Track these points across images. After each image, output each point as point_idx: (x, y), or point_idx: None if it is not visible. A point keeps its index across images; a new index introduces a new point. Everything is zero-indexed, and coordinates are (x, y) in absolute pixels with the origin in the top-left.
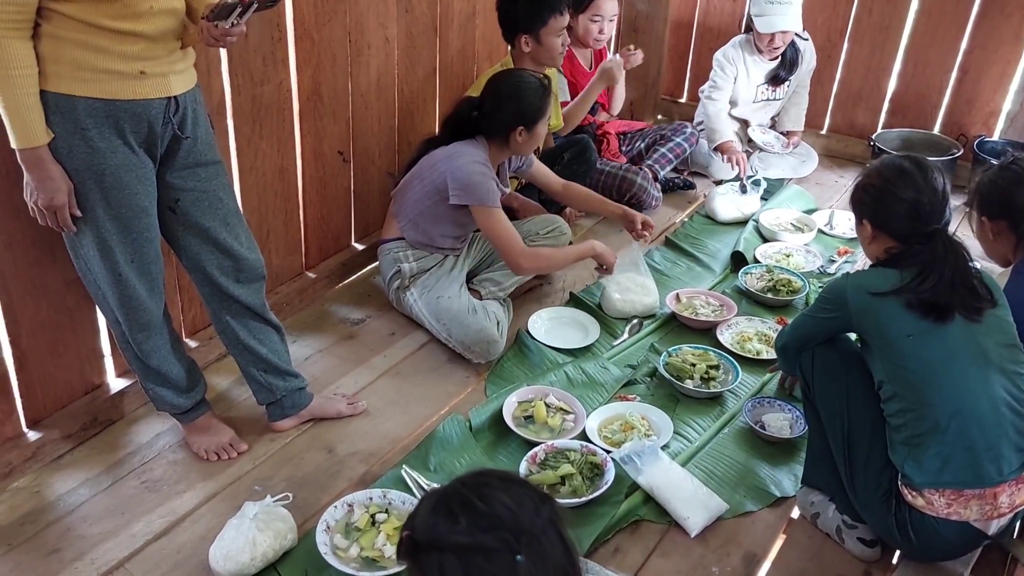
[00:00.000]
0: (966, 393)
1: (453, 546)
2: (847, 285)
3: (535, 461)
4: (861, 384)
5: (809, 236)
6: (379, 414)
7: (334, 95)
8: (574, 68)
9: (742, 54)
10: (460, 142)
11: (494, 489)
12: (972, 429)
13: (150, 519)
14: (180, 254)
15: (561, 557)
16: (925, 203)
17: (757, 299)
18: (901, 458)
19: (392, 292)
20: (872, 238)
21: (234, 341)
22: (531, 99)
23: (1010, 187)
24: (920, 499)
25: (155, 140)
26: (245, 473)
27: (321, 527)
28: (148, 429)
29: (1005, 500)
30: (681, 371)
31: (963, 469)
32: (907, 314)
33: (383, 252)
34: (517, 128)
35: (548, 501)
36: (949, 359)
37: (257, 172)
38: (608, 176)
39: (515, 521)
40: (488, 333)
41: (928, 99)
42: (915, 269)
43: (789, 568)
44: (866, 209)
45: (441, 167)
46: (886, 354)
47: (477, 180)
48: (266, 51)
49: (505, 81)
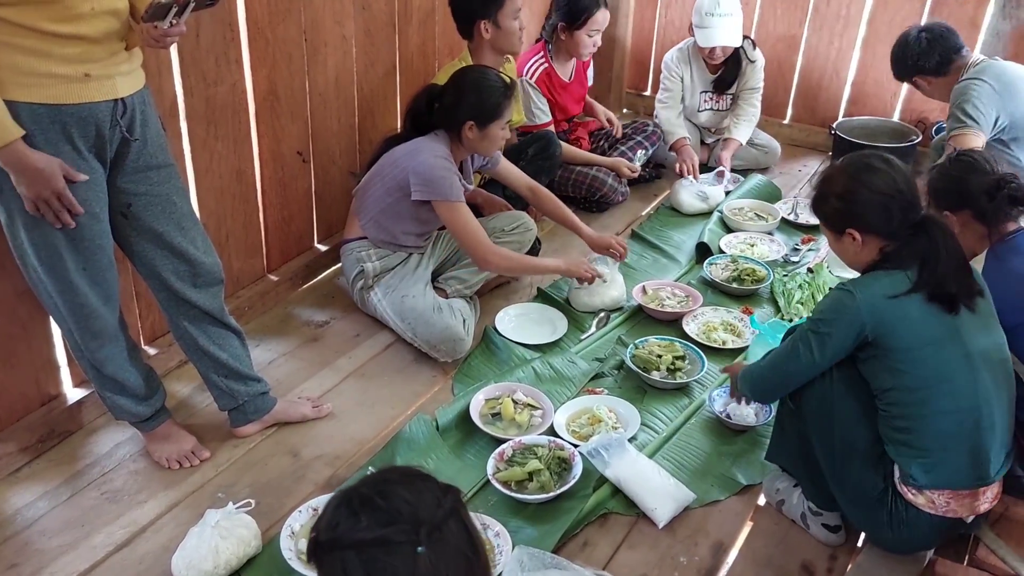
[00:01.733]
0: (974, 398)
1: (353, 543)
2: (856, 297)
3: (503, 458)
4: (846, 384)
5: (773, 225)
6: (345, 416)
7: (291, 95)
8: (552, 83)
9: (688, 59)
10: (421, 137)
11: (394, 485)
12: (977, 433)
13: (111, 530)
14: (134, 260)
15: (463, 544)
16: (905, 191)
17: (722, 289)
18: (907, 460)
19: (356, 292)
20: (862, 244)
21: (193, 347)
22: (489, 97)
23: (964, 176)
24: (921, 498)
25: (104, 144)
26: (208, 481)
27: (285, 532)
28: (107, 439)
29: (988, 495)
30: (648, 363)
31: (965, 472)
32: (928, 317)
33: (345, 252)
34: (468, 123)
35: (451, 492)
36: (962, 365)
37: (213, 174)
38: (579, 175)
39: (414, 514)
40: (454, 331)
41: (887, 87)
42: (917, 262)
43: (756, 555)
44: (848, 218)
45: (403, 163)
46: (899, 363)
47: (439, 175)
48: (219, 51)
49: (469, 75)
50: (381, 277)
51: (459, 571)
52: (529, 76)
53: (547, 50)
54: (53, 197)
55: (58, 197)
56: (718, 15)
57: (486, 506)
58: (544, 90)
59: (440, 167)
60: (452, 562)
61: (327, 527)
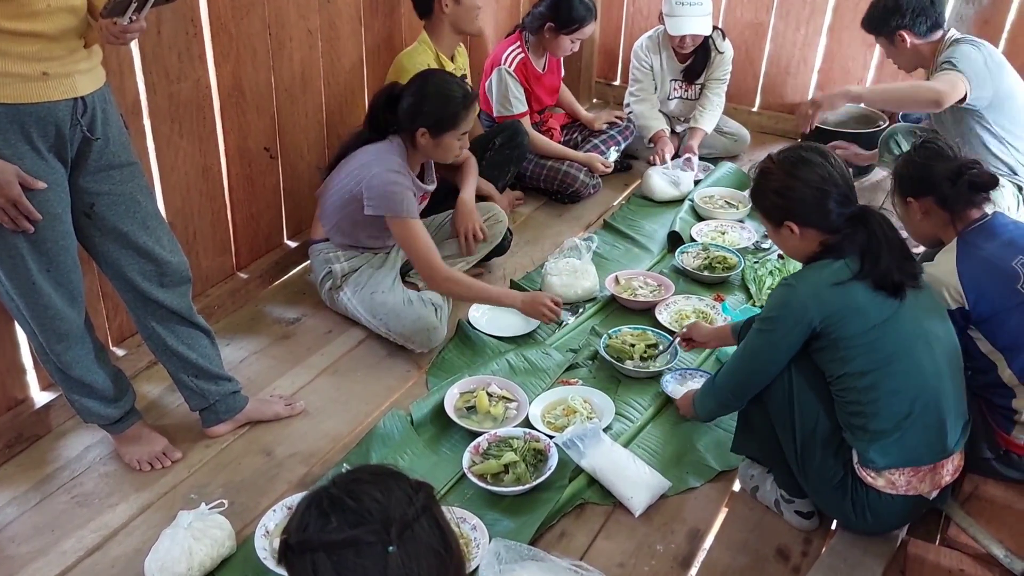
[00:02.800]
0: (924, 376)
1: (323, 544)
2: (799, 290)
3: (478, 451)
4: (803, 375)
5: (743, 212)
6: (319, 413)
7: (256, 90)
8: (528, 73)
9: (658, 48)
10: (377, 146)
11: (364, 484)
12: (930, 409)
13: (82, 535)
14: (99, 261)
15: (435, 542)
16: (841, 184)
17: (694, 277)
18: (864, 444)
19: (325, 292)
20: (800, 237)
21: (162, 347)
22: (447, 106)
23: (928, 163)
24: (880, 480)
25: (64, 144)
26: (180, 482)
27: (260, 531)
28: (77, 442)
29: (949, 468)
30: (621, 352)
31: (923, 448)
32: (871, 302)
33: (313, 253)
34: (420, 128)
35: (423, 489)
36: (908, 345)
37: (179, 172)
38: (550, 170)
39: (385, 513)
40: (427, 321)
41: (854, 72)
42: (856, 253)
43: (732, 541)
44: (786, 211)
45: (357, 174)
46: (848, 349)
47: (392, 190)
48: (181, 47)
49: (430, 80)
50: (349, 276)
51: (431, 570)
52: (508, 64)
53: (523, 40)
54: (9, 205)
55: (14, 204)
56: (688, 4)
57: (462, 500)
58: (521, 79)
59: (391, 182)
60: (424, 561)
61: (297, 529)
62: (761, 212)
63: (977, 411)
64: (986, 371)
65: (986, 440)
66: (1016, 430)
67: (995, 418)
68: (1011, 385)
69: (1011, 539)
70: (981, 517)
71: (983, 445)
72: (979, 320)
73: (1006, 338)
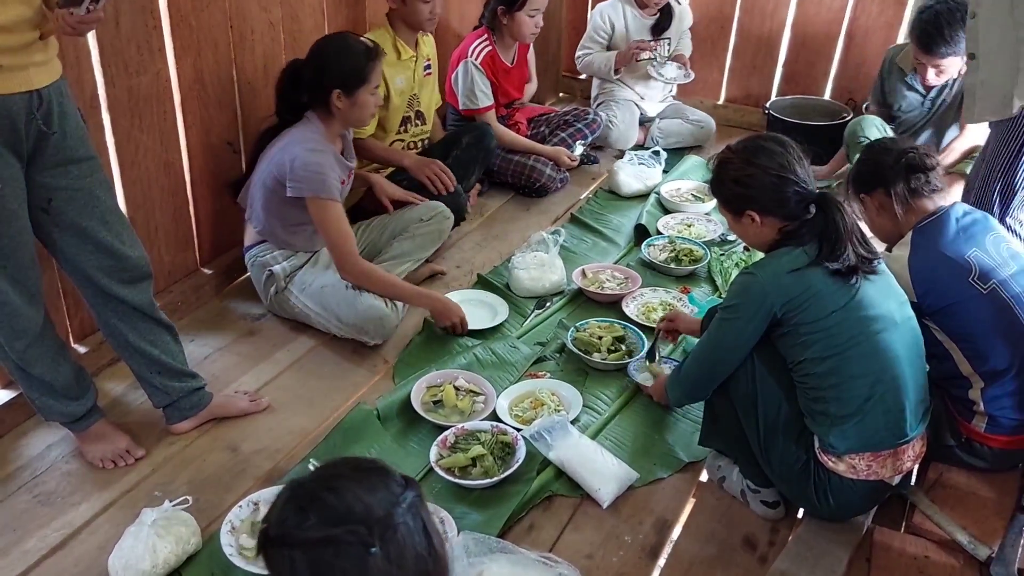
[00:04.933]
0: (883, 360)
1: (302, 542)
2: (759, 278)
3: (446, 445)
4: (765, 362)
5: (709, 205)
6: (284, 409)
7: (218, 83)
8: (495, 67)
9: (622, 8)
10: (293, 128)
11: (346, 480)
12: (889, 394)
13: (44, 534)
14: (58, 257)
15: (419, 546)
16: (801, 172)
17: (661, 270)
18: (824, 429)
19: (270, 299)
20: (761, 225)
21: (123, 344)
22: (353, 61)
23: (877, 158)
24: (841, 464)
25: (19, 138)
26: (144, 479)
27: (225, 528)
28: (38, 441)
29: (911, 453)
30: (589, 345)
31: (883, 432)
32: (830, 287)
33: (249, 260)
34: (335, 91)
35: (410, 487)
36: (867, 329)
37: (139, 167)
38: (517, 165)
39: (367, 512)
40: (377, 309)
41: (817, 66)
42: (815, 240)
43: (700, 530)
44: (745, 200)
45: (276, 158)
46: (808, 335)
47: (312, 170)
48: (140, 39)
49: (329, 42)
50: (293, 276)
51: (414, 574)
52: (474, 57)
53: (491, 34)
54: None
55: None
56: None
57: (430, 494)
58: (488, 73)
59: (312, 162)
60: (407, 565)
61: (276, 522)
62: (721, 202)
63: (939, 399)
64: (943, 360)
65: (949, 428)
66: (976, 419)
67: (955, 407)
68: (966, 375)
69: (974, 525)
70: (945, 504)
71: (946, 433)
72: (932, 312)
73: (960, 329)
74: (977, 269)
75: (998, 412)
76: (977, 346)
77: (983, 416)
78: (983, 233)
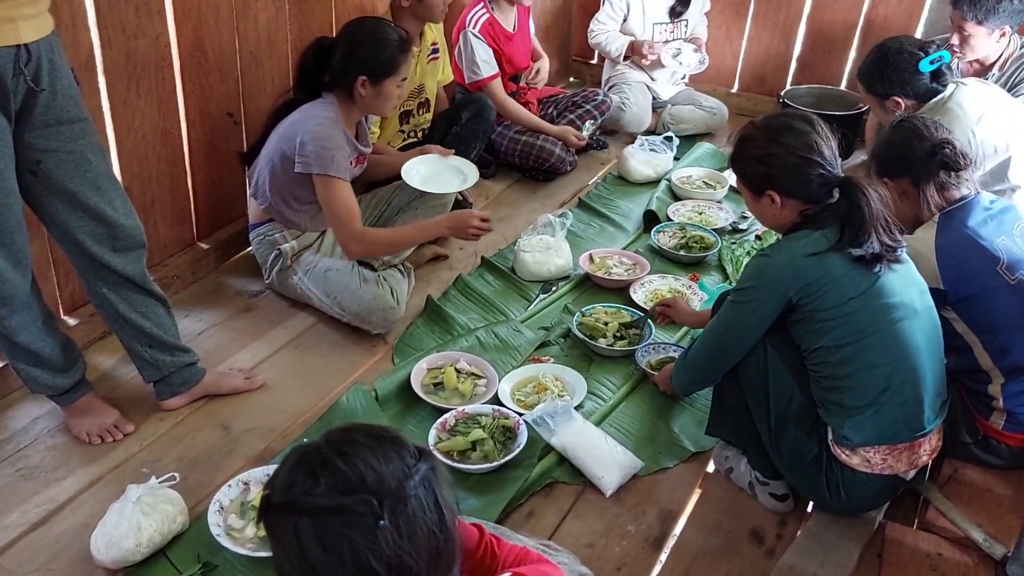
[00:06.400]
0: (902, 351)
1: (310, 509)
2: (775, 260)
3: (445, 428)
4: (778, 350)
5: (721, 193)
6: (279, 388)
7: (219, 52)
8: (496, 34)
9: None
10: (310, 104)
11: (360, 447)
12: (907, 385)
13: (25, 509)
14: (47, 222)
15: (431, 522)
16: (827, 154)
17: (670, 257)
18: (839, 421)
19: (273, 276)
20: (781, 207)
21: (113, 315)
22: (384, 50)
23: (907, 143)
24: (855, 457)
25: (6, 94)
26: (131, 456)
27: (214, 507)
28: (23, 414)
29: (926, 447)
30: (594, 330)
31: (899, 424)
32: (849, 273)
33: (256, 237)
34: (361, 77)
35: (424, 458)
36: (885, 318)
37: (136, 134)
38: (525, 145)
39: (379, 483)
40: (383, 300)
41: (834, 55)
42: (836, 225)
43: (705, 522)
44: (767, 180)
45: (290, 132)
46: (824, 322)
47: (323, 145)
48: (139, 1)
49: (362, 25)
50: (300, 255)
51: (424, 550)
52: (472, 26)
53: (487, 1)
54: None
55: None
56: None
57: None
58: (489, 41)
59: (325, 137)
60: (417, 540)
61: (281, 487)
62: (741, 179)
63: (956, 395)
64: (962, 354)
65: (965, 424)
66: (994, 416)
67: (973, 403)
68: (986, 369)
69: (990, 523)
70: (960, 501)
71: (962, 429)
72: (956, 300)
73: (983, 321)
74: (1005, 259)
75: (1019, 409)
76: (1000, 339)
77: (1002, 413)
78: (1012, 222)
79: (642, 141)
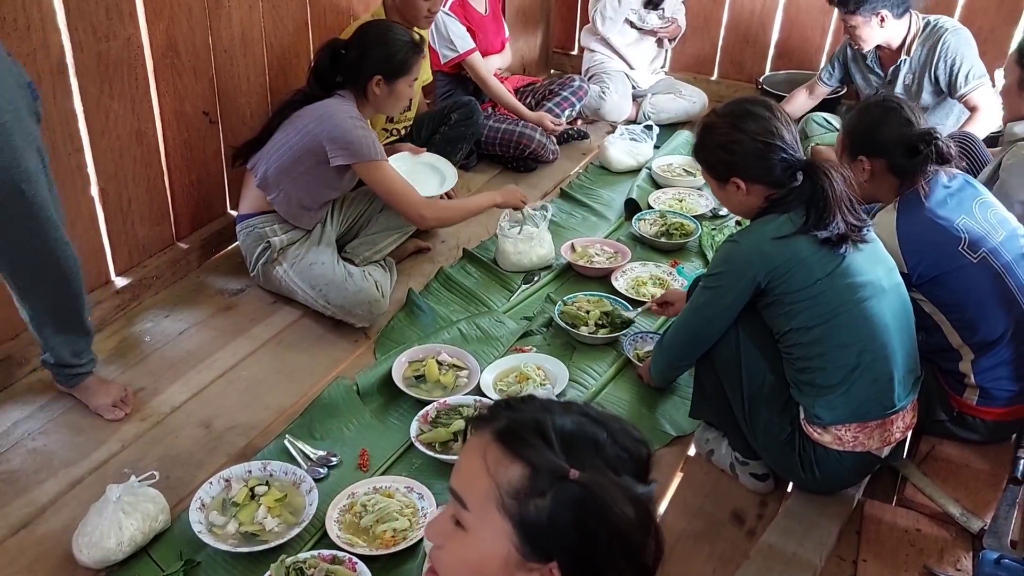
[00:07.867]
0: (870, 328)
1: (594, 484)
2: (742, 246)
3: (427, 420)
4: (750, 333)
5: (701, 180)
6: (261, 385)
7: (193, 51)
8: (468, 14)
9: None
10: (327, 101)
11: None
12: (877, 363)
13: (7, 512)
14: None
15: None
16: (788, 138)
17: (651, 244)
18: (811, 400)
19: (258, 268)
20: (747, 193)
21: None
22: (398, 51)
23: (884, 121)
24: (827, 436)
25: None
26: (112, 456)
27: (195, 505)
28: (3, 418)
29: (900, 424)
30: (576, 319)
31: (870, 402)
32: (816, 255)
33: (245, 229)
34: (375, 78)
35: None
36: (854, 297)
37: (110, 135)
38: (505, 133)
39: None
40: (368, 293)
41: (812, 40)
42: (802, 208)
43: (687, 505)
44: (731, 166)
45: (312, 128)
46: (794, 304)
47: (359, 135)
48: (109, 3)
49: (375, 28)
50: (287, 250)
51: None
52: (444, 6)
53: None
54: None
55: None
56: None
57: (410, 469)
58: (461, 18)
59: (357, 127)
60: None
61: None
62: (705, 168)
63: (930, 373)
64: (931, 333)
65: (940, 402)
66: (967, 392)
67: (946, 381)
68: (956, 347)
69: (967, 498)
70: (937, 477)
71: (937, 408)
72: (921, 282)
73: (949, 300)
74: (967, 238)
75: (991, 384)
76: (967, 316)
77: (975, 389)
78: (971, 198)
79: (622, 130)
